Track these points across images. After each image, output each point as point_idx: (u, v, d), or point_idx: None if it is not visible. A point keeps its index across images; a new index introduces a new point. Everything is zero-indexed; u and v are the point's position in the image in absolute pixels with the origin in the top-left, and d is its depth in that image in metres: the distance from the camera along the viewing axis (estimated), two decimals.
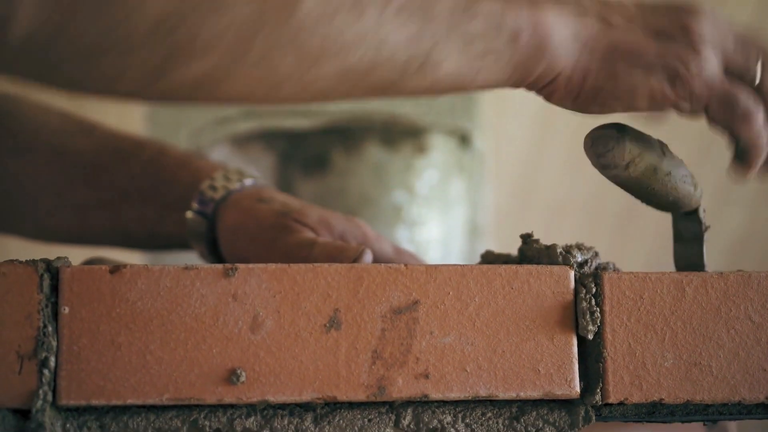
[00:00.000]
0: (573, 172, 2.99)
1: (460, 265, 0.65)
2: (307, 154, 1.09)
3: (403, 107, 1.28)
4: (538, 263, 0.67)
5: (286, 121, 1.11)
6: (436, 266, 0.64)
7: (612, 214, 3.09)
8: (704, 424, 1.04)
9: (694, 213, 0.75)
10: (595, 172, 0.68)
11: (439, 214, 1.14)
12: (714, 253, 0.75)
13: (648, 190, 0.70)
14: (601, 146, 0.67)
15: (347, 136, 1.09)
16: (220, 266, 0.63)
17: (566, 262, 0.65)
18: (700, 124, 0.69)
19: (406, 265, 0.64)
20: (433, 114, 1.58)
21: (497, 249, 0.79)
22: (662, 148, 0.70)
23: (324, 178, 1.09)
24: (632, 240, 3.27)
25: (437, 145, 1.14)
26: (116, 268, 0.62)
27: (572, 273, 0.65)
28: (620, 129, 0.67)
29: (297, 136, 1.10)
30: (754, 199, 3.08)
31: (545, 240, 0.70)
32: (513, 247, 0.75)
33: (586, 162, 0.69)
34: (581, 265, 0.66)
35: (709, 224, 0.75)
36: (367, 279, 0.63)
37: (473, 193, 1.21)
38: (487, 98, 1.84)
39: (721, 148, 0.75)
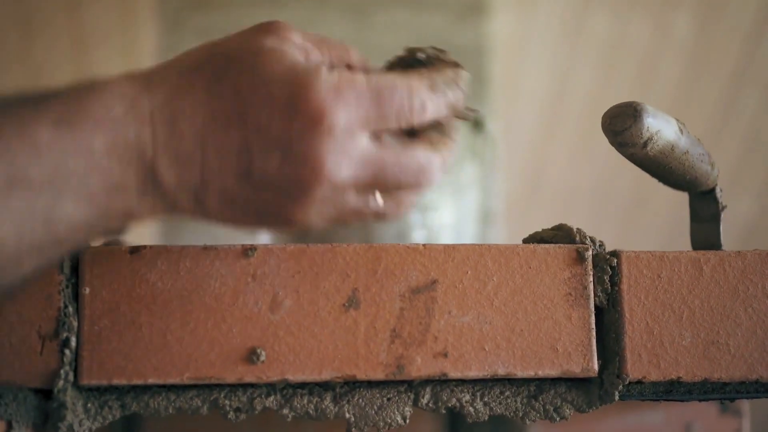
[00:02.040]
0: (582, 157, 2.98)
1: (478, 245, 0.65)
2: None
3: None
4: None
5: None
6: (454, 246, 0.65)
7: (621, 199, 3.09)
8: (720, 403, 1.04)
9: (711, 192, 0.75)
10: (604, 158, 0.68)
11: (451, 200, 1.14)
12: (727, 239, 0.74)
13: (665, 169, 0.70)
14: (618, 124, 0.67)
15: None
16: (239, 246, 0.63)
17: (584, 242, 0.65)
18: (713, 108, 0.68)
19: (424, 245, 0.64)
20: None
21: (508, 234, 0.79)
22: (680, 126, 0.70)
23: None
24: (641, 226, 3.27)
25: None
26: (136, 249, 0.62)
27: (590, 252, 0.65)
28: (638, 106, 0.67)
29: None
30: (763, 186, 3.08)
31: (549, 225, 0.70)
32: (522, 233, 0.74)
33: (595, 147, 0.69)
34: (600, 244, 0.66)
35: (726, 204, 0.75)
36: (385, 259, 0.64)
37: (485, 178, 1.21)
38: (497, 83, 1.84)
39: (732, 132, 0.74)
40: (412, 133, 0.59)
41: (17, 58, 2.56)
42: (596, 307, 0.64)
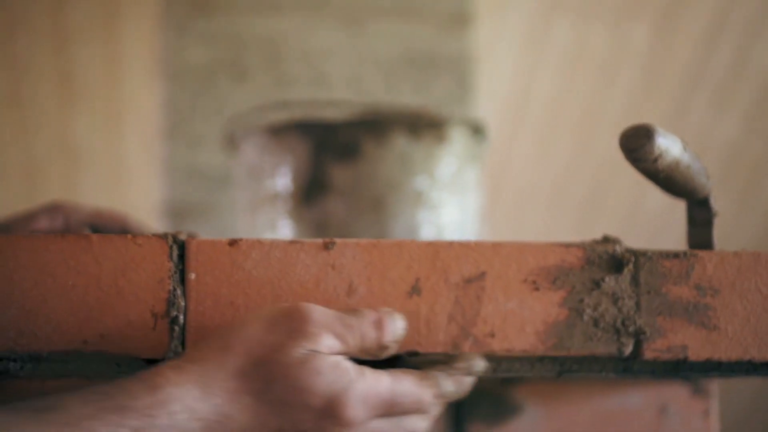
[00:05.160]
0: (542, 158, 3.12)
1: (520, 242, 0.76)
2: (340, 142, 1.20)
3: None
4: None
5: (320, 111, 1.22)
6: (500, 243, 0.76)
7: (578, 197, 3.23)
8: (692, 385, 1.17)
9: (706, 201, 0.87)
10: (562, 159, 0.79)
11: (456, 199, 1.26)
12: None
13: (670, 180, 0.82)
14: (634, 142, 0.79)
15: (377, 126, 1.20)
16: (320, 241, 0.74)
17: (607, 241, 0.78)
18: (667, 111, 0.80)
19: (476, 242, 0.76)
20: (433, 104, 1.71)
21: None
22: (683, 144, 0.82)
23: (355, 165, 1.20)
24: (596, 223, 3.42)
25: (455, 135, 1.26)
26: (234, 241, 0.73)
27: (613, 248, 0.77)
28: (651, 128, 0.79)
29: (330, 126, 1.21)
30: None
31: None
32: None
33: (555, 148, 0.80)
34: (616, 243, 0.78)
35: (718, 211, 0.87)
36: (443, 253, 0.75)
37: (482, 180, 1.33)
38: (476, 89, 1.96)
39: (683, 135, 0.84)
40: None
41: (1, 48, 2.62)
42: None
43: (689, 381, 1.23)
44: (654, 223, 3.37)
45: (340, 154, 1.20)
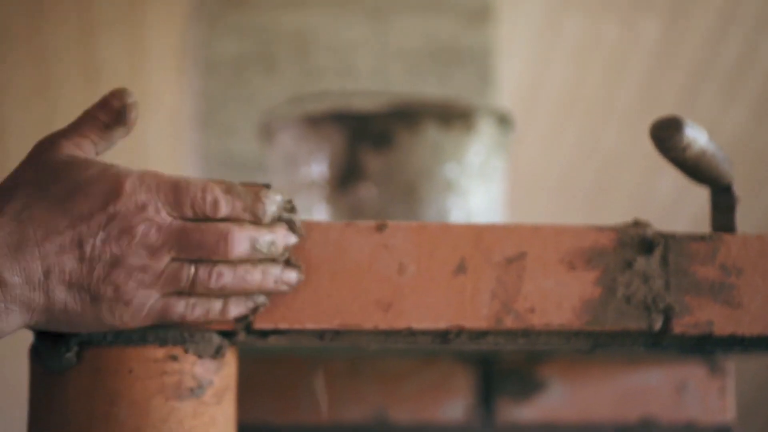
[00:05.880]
0: (552, 147, 3.18)
1: (558, 225, 0.82)
2: (374, 132, 1.26)
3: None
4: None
5: (353, 102, 1.28)
6: (539, 226, 0.82)
7: (586, 185, 3.30)
8: (710, 364, 1.22)
9: (728, 187, 0.93)
10: (572, 148, 0.85)
11: (484, 187, 1.32)
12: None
13: (697, 168, 0.88)
14: (664, 133, 0.85)
15: (409, 116, 1.26)
16: (373, 223, 0.80)
17: (637, 225, 0.83)
18: (676, 102, 0.86)
19: (516, 225, 0.81)
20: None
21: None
22: (709, 135, 0.88)
23: (389, 154, 1.26)
24: (603, 210, 3.48)
25: (483, 125, 1.32)
26: None
27: (644, 231, 0.83)
28: (680, 119, 0.85)
29: (365, 117, 1.27)
30: None
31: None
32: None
33: (565, 138, 0.86)
34: (646, 226, 0.84)
35: (740, 197, 0.93)
36: (486, 235, 0.81)
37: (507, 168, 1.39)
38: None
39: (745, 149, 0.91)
40: None
41: (24, 42, 2.68)
42: None
43: (707, 360, 1.29)
44: (660, 213, 3.43)
45: (374, 143, 1.26)
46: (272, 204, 0.74)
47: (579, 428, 1.30)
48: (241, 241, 0.72)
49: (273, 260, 0.74)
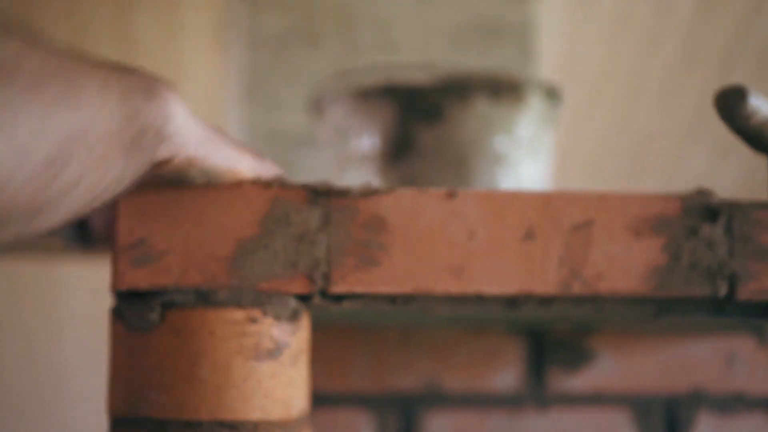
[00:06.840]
0: (584, 120, 3.20)
1: (624, 193, 0.84)
2: (426, 105, 1.27)
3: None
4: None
5: (404, 75, 1.29)
6: (606, 194, 0.83)
7: (619, 160, 3.31)
8: (758, 336, 1.23)
9: None
10: (604, 121, 0.86)
11: (532, 160, 1.33)
12: None
13: (759, 137, 0.89)
14: (729, 102, 0.86)
15: (460, 90, 1.27)
16: (444, 190, 0.81)
17: (702, 193, 0.85)
18: (710, 77, 0.88)
19: (584, 192, 0.83)
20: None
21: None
22: None
23: (440, 127, 1.27)
24: (636, 185, 3.49)
25: (532, 98, 1.33)
26: (368, 191, 0.80)
27: (709, 199, 0.84)
28: (744, 89, 0.86)
29: (416, 90, 1.28)
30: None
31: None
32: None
33: (598, 112, 0.87)
34: (710, 194, 0.85)
35: None
36: (554, 202, 0.82)
37: (555, 141, 1.40)
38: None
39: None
40: None
41: (62, 19, 2.70)
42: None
43: (756, 331, 1.30)
44: (692, 186, 3.43)
45: (425, 116, 1.27)
46: None
47: (628, 398, 1.31)
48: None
49: None
